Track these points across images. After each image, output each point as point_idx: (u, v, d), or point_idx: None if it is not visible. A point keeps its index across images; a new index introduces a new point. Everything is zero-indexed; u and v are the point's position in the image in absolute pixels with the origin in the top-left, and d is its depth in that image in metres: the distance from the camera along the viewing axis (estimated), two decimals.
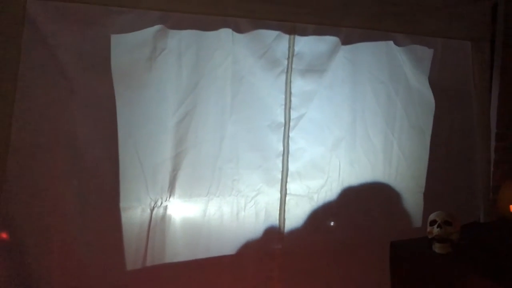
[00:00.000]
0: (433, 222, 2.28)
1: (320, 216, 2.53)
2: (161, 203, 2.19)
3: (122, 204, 2.09)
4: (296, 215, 2.47)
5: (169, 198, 2.20)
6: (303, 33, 2.35)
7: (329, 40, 2.44)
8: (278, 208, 2.44)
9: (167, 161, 2.18)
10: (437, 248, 2.26)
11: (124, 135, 2.08)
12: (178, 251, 2.25)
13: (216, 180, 2.28)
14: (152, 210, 2.16)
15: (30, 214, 1.93)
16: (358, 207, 2.62)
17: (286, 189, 2.43)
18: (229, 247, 2.35)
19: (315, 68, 2.43)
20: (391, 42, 2.59)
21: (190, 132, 2.20)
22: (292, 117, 2.40)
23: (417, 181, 2.75)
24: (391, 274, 2.41)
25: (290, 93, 2.38)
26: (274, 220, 2.43)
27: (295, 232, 2.47)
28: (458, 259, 2.19)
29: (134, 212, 2.14)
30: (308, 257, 2.50)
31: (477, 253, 2.26)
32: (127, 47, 2.05)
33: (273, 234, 2.43)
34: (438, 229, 2.24)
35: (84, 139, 2.01)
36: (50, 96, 1.93)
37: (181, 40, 2.13)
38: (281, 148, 2.39)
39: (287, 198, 2.44)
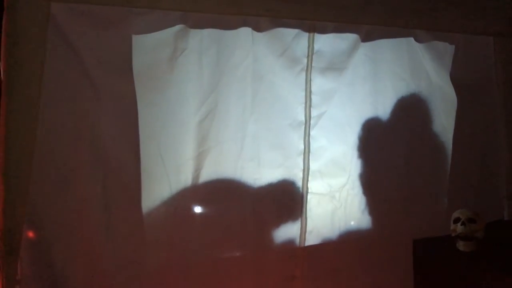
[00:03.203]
0: (456, 220, 2.25)
1: (341, 214, 2.52)
2: (184, 202, 2.20)
3: (144, 204, 2.11)
4: (318, 213, 2.46)
5: (192, 196, 2.21)
6: (323, 31, 2.34)
7: (349, 38, 2.42)
8: (300, 208, 2.43)
9: (189, 161, 2.20)
10: (461, 246, 2.23)
11: (147, 136, 2.10)
12: (200, 250, 2.26)
13: (238, 179, 2.29)
14: (175, 209, 2.18)
15: (55, 213, 1.96)
16: (380, 205, 2.60)
17: (307, 188, 2.42)
18: (251, 246, 2.35)
19: (335, 66, 2.42)
20: (412, 39, 2.56)
21: (211, 131, 2.21)
22: (312, 115, 2.39)
23: (440, 179, 2.72)
24: (414, 272, 2.39)
25: (310, 91, 2.37)
26: (295, 219, 2.43)
27: (317, 231, 2.47)
28: (482, 257, 2.16)
29: (157, 211, 2.15)
30: (330, 255, 2.49)
31: (503, 251, 2.23)
32: (148, 48, 2.06)
33: (295, 233, 2.43)
34: (462, 226, 2.21)
35: (107, 139, 2.03)
36: (74, 98, 1.96)
37: (202, 40, 2.15)
38: (302, 147, 2.39)
39: (308, 197, 2.43)
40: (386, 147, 2.60)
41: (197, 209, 2.26)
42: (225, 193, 2.30)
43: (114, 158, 2.05)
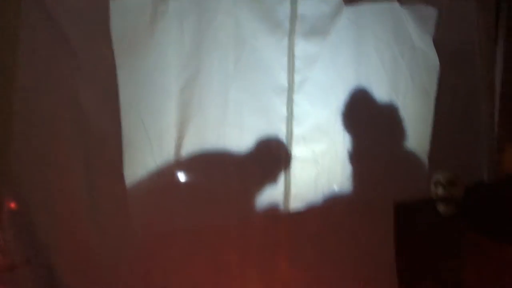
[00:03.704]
0: (437, 183, 2.30)
1: (325, 179, 2.54)
2: (168, 170, 2.19)
3: (127, 172, 2.09)
4: (301, 179, 2.47)
5: (176, 163, 2.19)
6: None
7: (332, 2, 2.38)
8: (283, 172, 2.44)
9: (172, 128, 2.17)
10: (441, 208, 2.29)
11: (127, 103, 2.06)
12: (185, 218, 2.26)
13: (221, 146, 2.28)
14: (159, 177, 2.17)
15: (37, 182, 1.94)
16: (363, 170, 2.62)
17: (291, 153, 2.42)
18: (235, 213, 2.36)
19: (319, 31, 2.39)
20: (396, 3, 2.54)
21: (194, 97, 2.18)
22: (295, 80, 2.37)
23: (421, 142, 2.74)
24: (395, 235, 2.44)
25: (293, 56, 2.34)
26: (279, 184, 2.44)
27: (300, 196, 2.49)
28: (462, 219, 2.22)
29: (141, 179, 2.14)
30: (314, 220, 2.51)
31: (482, 213, 2.28)
32: (127, 11, 2.00)
33: (279, 198, 2.44)
34: (443, 189, 2.26)
35: (87, 107, 1.99)
36: (51, 64, 1.90)
37: (182, 3, 2.09)
38: (285, 112, 2.38)
39: (292, 162, 2.44)
40: (369, 111, 2.60)
41: (181, 177, 2.25)
42: (208, 160, 2.28)
43: (95, 126, 2.02)
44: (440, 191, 2.25)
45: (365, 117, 2.60)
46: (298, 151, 2.44)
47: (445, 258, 2.16)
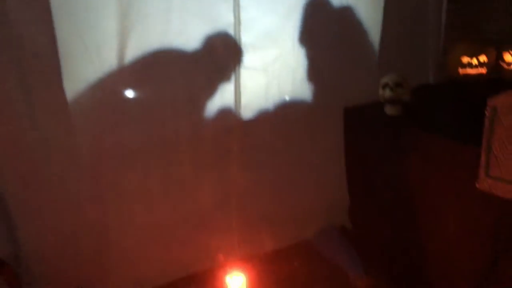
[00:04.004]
0: (385, 85, 2.32)
1: (275, 87, 2.52)
2: (111, 83, 2.10)
3: (67, 85, 1.99)
4: (251, 87, 2.44)
5: (119, 75, 2.10)
6: None
7: None
8: (233, 82, 2.40)
9: (112, 39, 2.05)
10: (388, 110, 2.33)
11: (61, 15, 1.92)
12: (133, 134, 2.22)
13: (166, 56, 2.19)
14: (103, 92, 2.08)
15: None
16: (313, 76, 2.62)
17: (239, 62, 2.37)
18: (186, 124, 2.34)
19: None
20: None
21: (134, 4, 2.04)
22: None
23: (370, 45, 2.74)
24: (345, 138, 2.50)
25: None
26: (229, 94, 2.41)
27: (251, 105, 2.48)
28: (408, 119, 2.28)
29: (84, 95, 2.05)
30: (265, 128, 2.54)
31: (427, 113, 2.35)
32: None
33: (229, 108, 2.42)
34: (390, 91, 2.29)
35: (16, 17, 1.85)
36: None
37: None
38: (232, 18, 2.29)
39: (241, 71, 2.39)
40: (318, 17, 2.54)
41: (126, 90, 2.17)
42: (154, 71, 2.20)
43: (29, 40, 1.89)
44: (387, 93, 2.28)
45: (315, 23, 2.55)
46: (247, 60, 2.39)
47: (391, 155, 2.25)
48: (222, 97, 2.40)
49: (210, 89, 2.38)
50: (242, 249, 2.61)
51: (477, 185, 1.82)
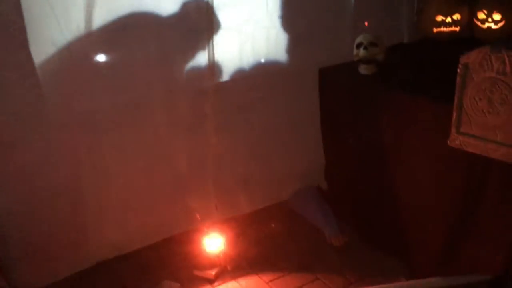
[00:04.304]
0: (359, 45, 2.32)
1: (249, 48, 2.49)
2: (80, 46, 2.03)
3: (33, 49, 1.92)
4: (225, 49, 2.40)
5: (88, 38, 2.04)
6: None
7: None
8: (207, 44, 2.35)
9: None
10: (362, 69, 2.34)
11: None
12: (105, 95, 2.17)
13: (137, 16, 2.12)
14: (70, 53, 2.01)
15: None
16: (287, 37, 2.59)
17: (212, 22, 2.31)
18: (160, 87, 2.29)
19: None
20: None
21: None
22: None
23: (345, 5, 2.71)
24: (320, 98, 2.50)
25: None
26: (203, 56, 2.36)
27: (225, 67, 2.44)
28: (382, 78, 2.29)
29: (52, 57, 1.98)
30: (240, 90, 2.52)
31: (401, 72, 2.36)
32: None
33: (203, 70, 2.38)
34: (364, 51, 2.29)
35: None
36: None
37: None
38: None
39: (214, 32, 2.34)
40: None
41: (96, 54, 2.11)
42: (124, 33, 2.13)
43: None
44: (361, 53, 2.28)
45: None
46: (219, 20, 2.33)
47: (365, 114, 2.27)
48: (196, 59, 2.35)
49: (183, 51, 2.33)
50: (219, 211, 2.63)
51: (448, 142, 1.86)
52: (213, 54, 2.37)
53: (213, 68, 2.40)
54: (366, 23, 2.67)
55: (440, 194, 2.02)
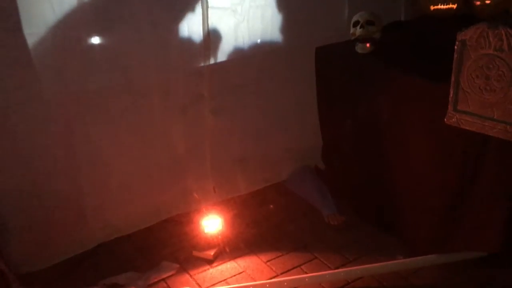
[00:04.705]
0: (356, 23, 2.30)
1: (244, 28, 2.46)
2: (73, 27, 2.01)
3: (27, 31, 1.90)
4: (220, 29, 2.38)
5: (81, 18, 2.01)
6: None
7: None
8: (202, 24, 2.32)
9: None
10: (359, 48, 2.32)
11: None
12: (99, 77, 2.15)
13: None
14: (64, 36, 1.99)
15: None
16: (283, 15, 2.56)
17: (207, 2, 2.28)
18: (155, 69, 2.27)
19: None
20: None
21: None
22: None
23: None
24: (316, 78, 2.49)
25: None
26: (198, 37, 2.34)
27: (220, 47, 2.42)
28: (379, 57, 2.27)
29: (44, 39, 1.96)
30: (236, 71, 2.50)
31: (398, 50, 2.34)
32: None
33: (198, 50, 2.36)
34: (361, 29, 2.27)
35: None
36: None
37: None
38: None
39: (209, 12, 2.31)
40: None
41: (89, 35, 2.08)
42: (118, 14, 2.10)
43: None
44: (358, 31, 2.26)
45: None
46: (214, 0, 2.31)
47: (362, 94, 2.26)
48: (191, 39, 2.33)
49: (178, 31, 2.30)
50: (217, 192, 2.64)
51: (445, 120, 1.86)
52: (209, 34, 2.35)
53: (209, 48, 2.38)
54: None
55: (436, 172, 2.03)
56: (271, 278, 2.15)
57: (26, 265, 2.17)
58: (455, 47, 1.74)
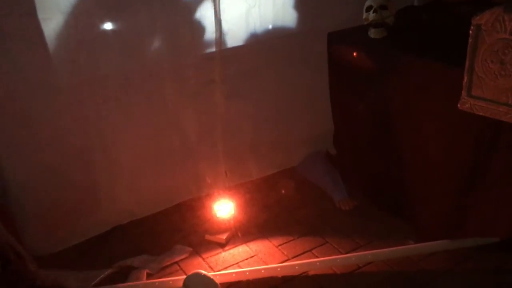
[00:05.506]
0: (369, 8, 2.27)
1: (256, 14, 2.45)
2: (85, 12, 2.02)
3: (40, 15, 1.91)
4: (232, 15, 2.37)
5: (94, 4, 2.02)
6: None
7: None
8: (213, 9, 2.32)
9: None
10: (372, 33, 2.29)
11: None
12: (114, 62, 2.17)
13: None
14: (76, 20, 2.00)
15: None
16: (296, 1, 2.54)
17: None
18: (165, 53, 2.28)
19: None
20: None
21: None
22: None
23: None
24: (328, 63, 2.47)
25: None
26: (210, 22, 2.33)
27: (232, 32, 2.41)
28: (392, 42, 2.25)
29: (57, 24, 1.97)
30: (247, 56, 2.50)
31: (411, 35, 2.32)
32: None
33: (210, 36, 2.36)
34: (374, 14, 2.24)
35: None
36: None
37: None
38: None
39: None
40: None
41: (102, 19, 2.08)
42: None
43: None
44: (371, 16, 2.24)
45: None
46: None
47: (374, 79, 2.24)
48: (203, 24, 2.33)
49: (190, 16, 2.30)
50: (229, 177, 2.65)
51: (458, 106, 1.84)
52: (220, 19, 2.34)
53: (220, 33, 2.37)
54: None
55: (449, 158, 2.02)
56: (282, 262, 2.17)
57: (42, 247, 2.22)
58: (470, 31, 1.71)
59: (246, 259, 2.22)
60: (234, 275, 2.07)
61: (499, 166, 1.88)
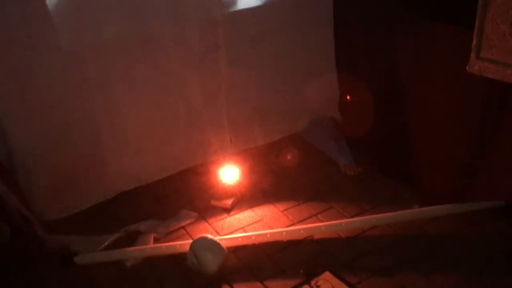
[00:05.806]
0: None
1: None
2: None
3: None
4: None
5: None
6: None
7: None
8: None
9: None
10: None
11: None
12: (116, 27, 2.14)
13: None
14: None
15: None
16: None
17: None
18: (168, 18, 2.24)
19: None
20: None
21: None
22: None
23: None
24: (334, 26, 2.43)
25: None
26: None
27: None
28: (401, 1, 2.19)
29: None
30: (252, 21, 2.45)
31: None
32: None
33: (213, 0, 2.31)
34: None
35: None
36: None
37: None
38: None
39: None
40: None
41: None
42: None
43: None
44: None
45: None
46: None
47: (382, 41, 2.20)
48: None
49: None
50: (234, 143, 2.65)
51: (467, 68, 1.81)
52: None
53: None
54: None
55: (457, 121, 2.00)
56: (287, 227, 2.19)
57: (50, 213, 2.25)
58: None
59: (252, 223, 2.24)
60: (240, 239, 2.09)
61: (508, 129, 1.86)
